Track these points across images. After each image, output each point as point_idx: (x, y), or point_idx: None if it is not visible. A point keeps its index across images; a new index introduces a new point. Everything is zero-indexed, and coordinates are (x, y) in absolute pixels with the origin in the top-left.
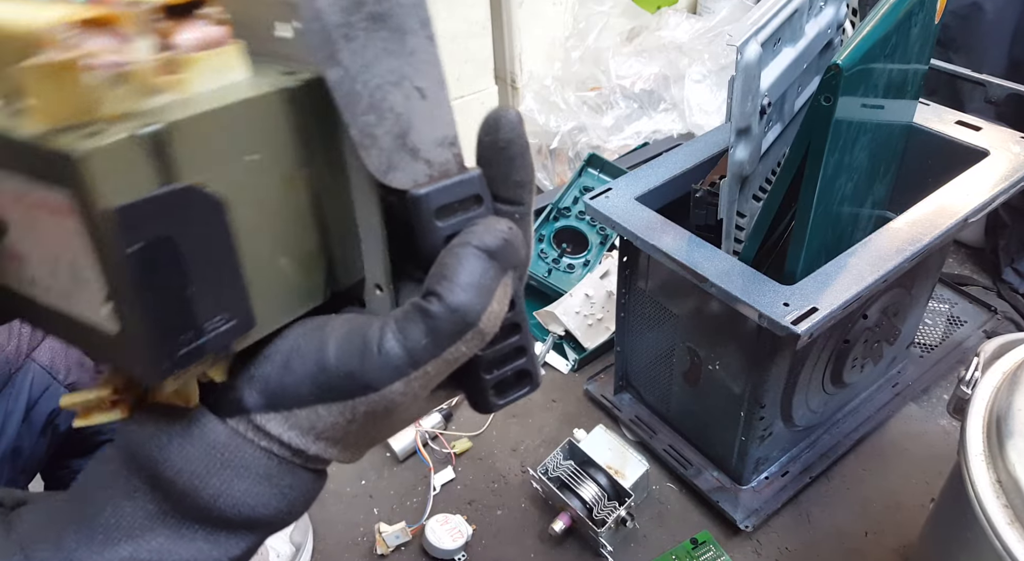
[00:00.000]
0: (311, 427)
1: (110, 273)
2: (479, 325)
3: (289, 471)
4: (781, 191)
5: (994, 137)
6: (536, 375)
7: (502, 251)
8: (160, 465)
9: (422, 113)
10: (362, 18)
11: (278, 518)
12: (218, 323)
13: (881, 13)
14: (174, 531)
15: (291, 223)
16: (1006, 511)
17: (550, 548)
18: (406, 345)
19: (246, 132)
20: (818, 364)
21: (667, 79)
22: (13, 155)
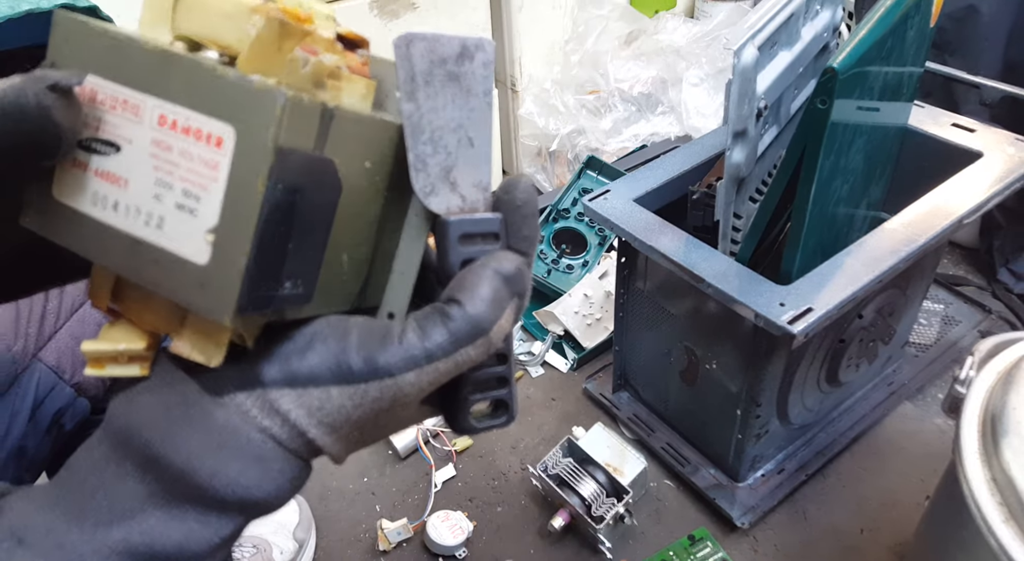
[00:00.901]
0: (319, 407)
1: (236, 204)
2: (490, 335)
3: (281, 455)
4: (777, 193)
5: (988, 139)
6: (513, 409)
7: (514, 278)
8: (157, 447)
9: (468, 157)
10: (442, 73)
11: (267, 501)
12: (292, 285)
13: (877, 16)
14: (165, 512)
15: (363, 229)
16: (1001, 509)
17: (549, 544)
18: (425, 340)
19: (372, 142)
20: (814, 363)
21: (665, 82)
22: (193, 86)
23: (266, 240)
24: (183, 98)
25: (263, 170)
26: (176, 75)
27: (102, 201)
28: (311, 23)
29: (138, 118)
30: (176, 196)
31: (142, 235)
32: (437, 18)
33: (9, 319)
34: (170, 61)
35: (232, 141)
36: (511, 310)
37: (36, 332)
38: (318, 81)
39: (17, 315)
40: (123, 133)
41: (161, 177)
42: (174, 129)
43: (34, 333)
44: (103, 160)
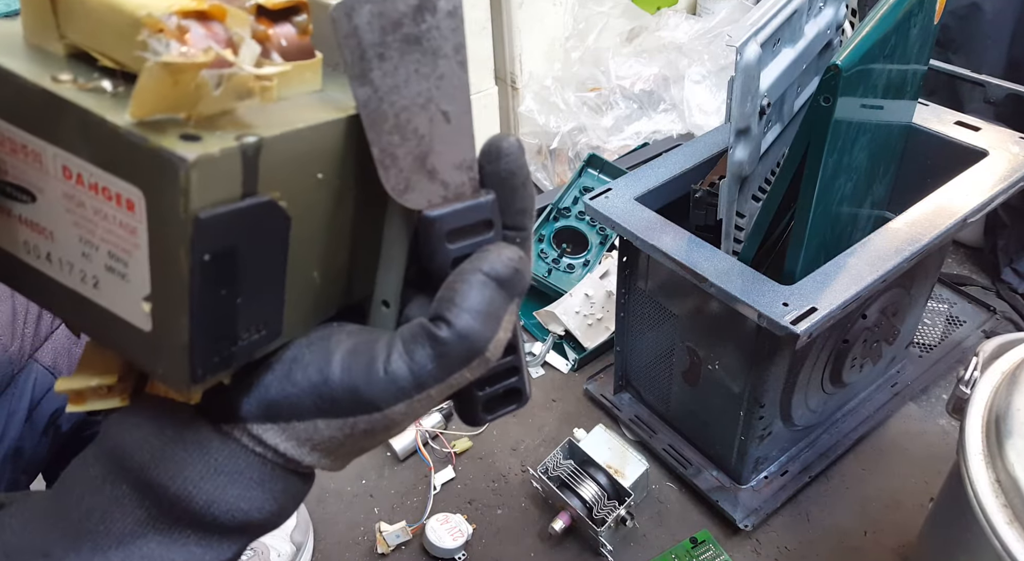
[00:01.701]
0: (308, 439)
1: (162, 276)
2: (486, 353)
3: (281, 476)
4: (780, 191)
5: (993, 137)
6: (525, 391)
7: (511, 280)
8: (151, 471)
9: (444, 136)
10: (398, 39)
11: (270, 521)
12: (252, 333)
13: (880, 14)
14: (165, 536)
15: (331, 240)
16: (1005, 511)
17: (550, 547)
18: (412, 368)
19: (319, 151)
20: (817, 364)
21: (667, 80)
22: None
23: (206, 309)
24: (81, 150)
25: (184, 242)
26: (67, 121)
27: (34, 251)
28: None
29: (43, 167)
30: (103, 258)
31: (82, 292)
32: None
33: (5, 319)
34: (57, 104)
35: (143, 207)
36: (509, 317)
37: (32, 332)
38: (240, 94)
39: (13, 315)
40: (33, 181)
41: (83, 235)
42: (80, 185)
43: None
44: (24, 207)
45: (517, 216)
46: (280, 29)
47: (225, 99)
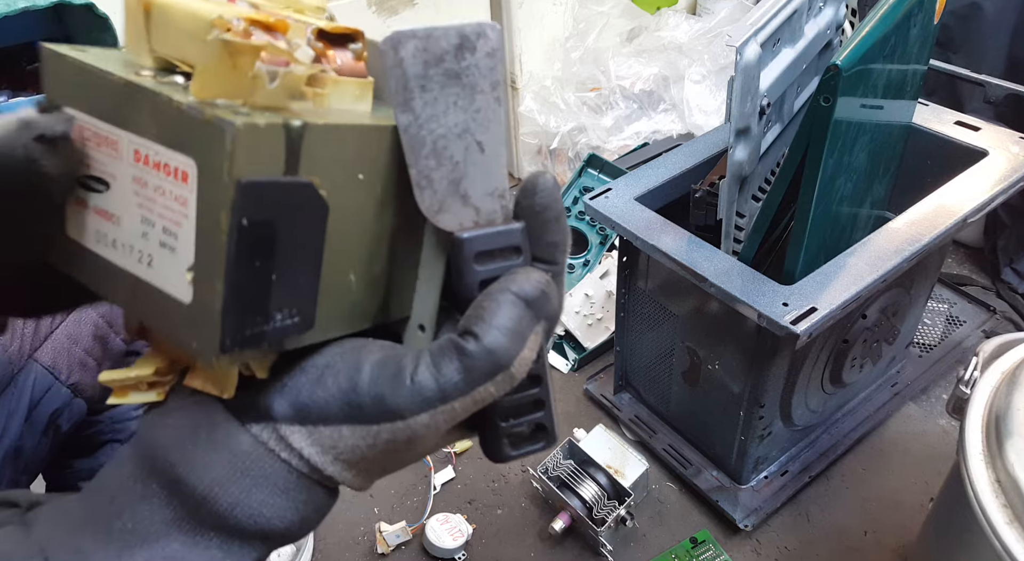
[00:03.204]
0: (332, 446)
1: (205, 242)
2: (511, 369)
3: (306, 486)
4: (780, 191)
5: (993, 137)
6: (553, 431)
7: (538, 301)
8: (180, 470)
9: (478, 165)
10: (439, 73)
11: (290, 532)
12: (284, 316)
13: (880, 14)
14: (189, 538)
15: (369, 244)
16: (1005, 511)
17: (550, 547)
18: (438, 379)
19: (362, 152)
20: (817, 364)
21: (667, 80)
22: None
23: (241, 276)
24: (150, 131)
25: (225, 205)
26: (142, 107)
27: (103, 239)
28: (285, 29)
29: (118, 154)
30: (159, 233)
31: (138, 273)
32: (436, 14)
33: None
34: (135, 92)
35: (195, 175)
36: (536, 337)
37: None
38: (294, 93)
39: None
40: (109, 170)
41: (144, 214)
42: (147, 164)
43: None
44: (98, 198)
45: (548, 249)
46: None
47: (279, 94)
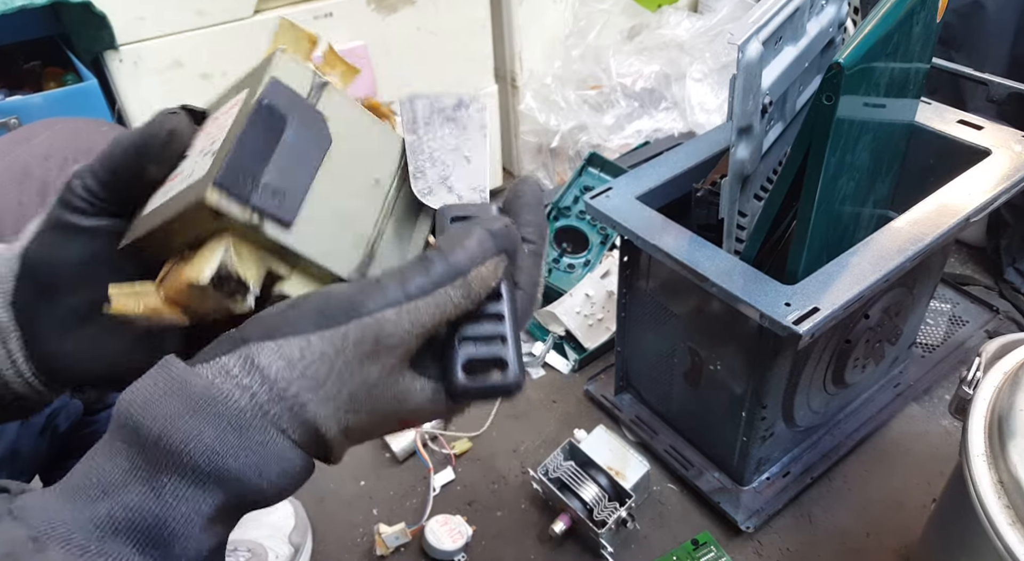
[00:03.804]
0: (300, 357)
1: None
2: (468, 276)
3: (261, 427)
4: (782, 190)
5: (996, 136)
6: (514, 368)
7: (501, 233)
8: (138, 417)
9: (463, 170)
10: (440, 117)
11: (248, 476)
12: (270, 195)
13: (883, 12)
14: (145, 484)
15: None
16: (1008, 512)
17: (550, 549)
18: (403, 282)
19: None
20: (820, 364)
21: (668, 78)
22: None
23: (248, 140)
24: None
25: (256, 93)
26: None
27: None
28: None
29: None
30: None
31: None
32: (436, 13)
33: None
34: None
35: (242, 98)
36: (494, 261)
37: None
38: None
39: None
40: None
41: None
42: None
43: None
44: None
45: (526, 229)
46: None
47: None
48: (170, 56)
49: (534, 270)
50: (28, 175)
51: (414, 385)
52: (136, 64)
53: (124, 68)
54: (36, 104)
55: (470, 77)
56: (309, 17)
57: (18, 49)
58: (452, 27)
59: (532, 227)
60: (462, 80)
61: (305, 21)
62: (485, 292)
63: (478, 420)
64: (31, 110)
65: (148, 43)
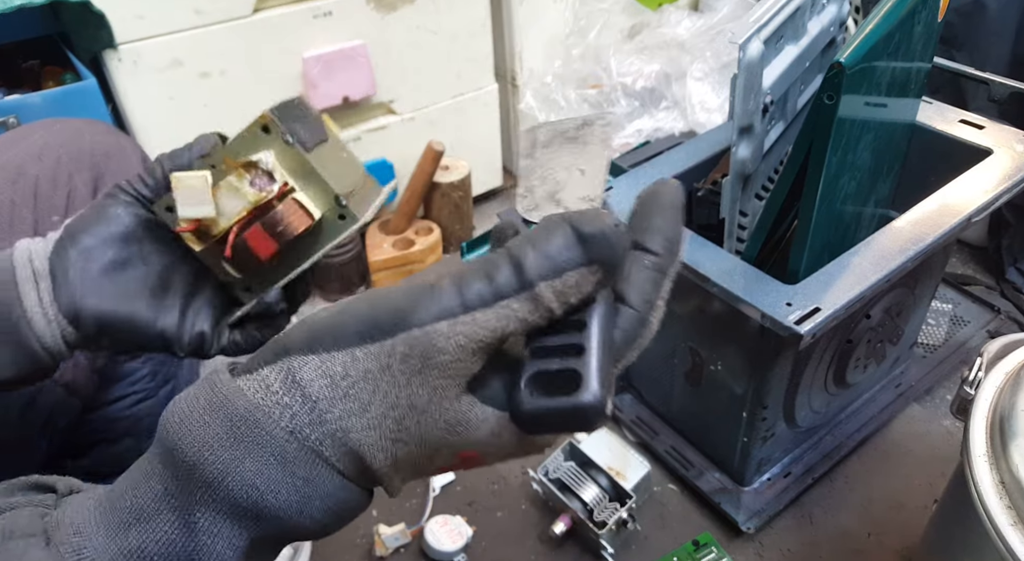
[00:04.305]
0: (344, 374)
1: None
2: (536, 288)
3: (306, 460)
4: (784, 190)
5: (997, 136)
6: (589, 381)
7: (593, 239)
8: (175, 438)
9: (577, 183)
10: (561, 139)
11: (288, 513)
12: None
13: (884, 11)
14: (179, 516)
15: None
16: (1009, 512)
17: (550, 550)
18: (462, 289)
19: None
20: (821, 364)
21: (668, 77)
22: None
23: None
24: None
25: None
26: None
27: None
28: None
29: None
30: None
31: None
32: (436, 11)
33: None
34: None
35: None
36: (580, 272)
37: None
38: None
39: None
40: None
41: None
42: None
43: None
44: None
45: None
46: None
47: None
48: (169, 55)
49: (650, 287)
50: (22, 175)
51: (473, 413)
52: (135, 63)
53: (123, 67)
54: (35, 103)
55: (470, 76)
56: (309, 16)
57: (17, 48)
58: (452, 26)
59: (660, 236)
60: (462, 80)
61: (305, 20)
62: (561, 306)
63: None
64: (30, 109)
65: (147, 42)
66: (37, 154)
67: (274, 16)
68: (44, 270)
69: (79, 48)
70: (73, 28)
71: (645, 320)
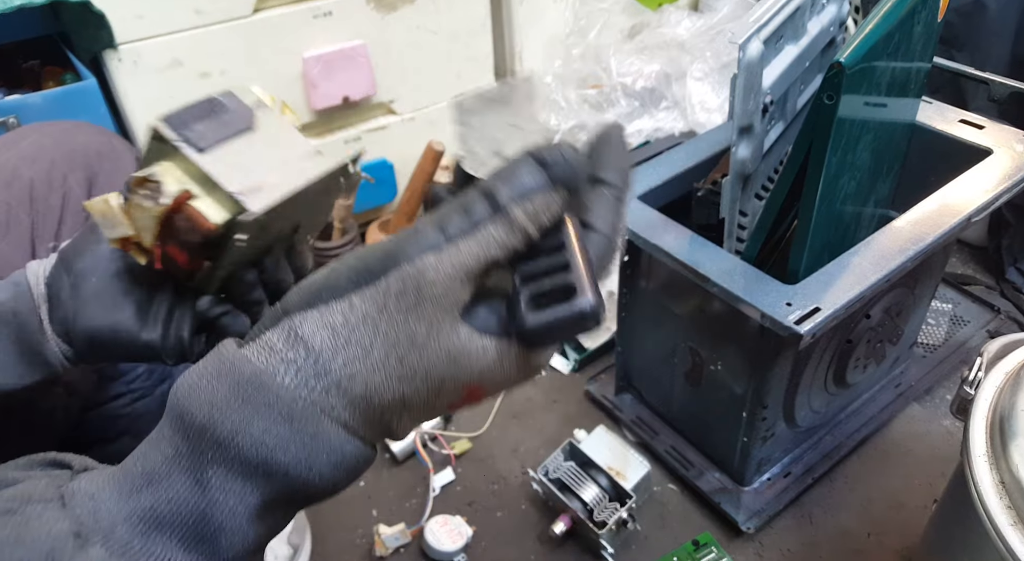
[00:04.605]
0: (344, 322)
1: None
2: (512, 214)
3: (312, 417)
4: (784, 190)
5: (997, 136)
6: (585, 290)
7: (555, 163)
8: (185, 402)
9: (515, 137)
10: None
11: (297, 469)
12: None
13: (884, 11)
14: (190, 476)
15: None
16: (1009, 512)
17: (550, 550)
18: (442, 224)
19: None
20: (821, 364)
21: (668, 77)
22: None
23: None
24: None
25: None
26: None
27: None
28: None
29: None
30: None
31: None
32: (436, 11)
33: None
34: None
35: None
36: (545, 197)
37: None
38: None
39: None
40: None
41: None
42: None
43: None
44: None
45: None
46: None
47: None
48: (169, 55)
49: (611, 214)
50: (16, 177)
51: (472, 343)
52: (135, 63)
53: (123, 67)
54: (35, 103)
55: (470, 76)
56: (309, 16)
57: (17, 48)
58: (452, 26)
59: (613, 168)
60: (462, 79)
61: (305, 20)
62: (535, 227)
63: (478, 420)
64: (30, 109)
65: (147, 42)
66: (31, 157)
67: (274, 16)
68: (43, 294)
69: (79, 48)
70: (73, 28)
71: (611, 242)
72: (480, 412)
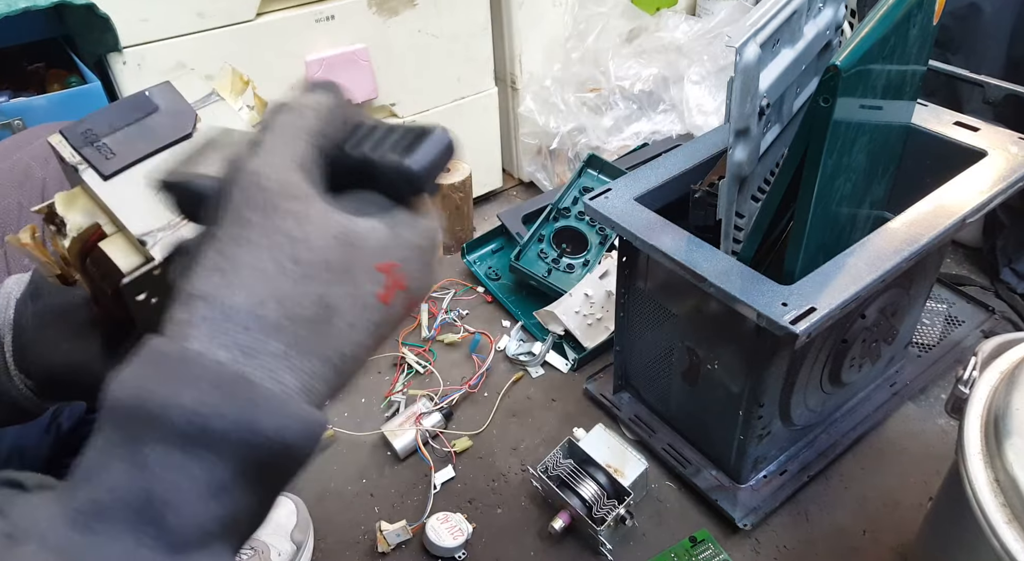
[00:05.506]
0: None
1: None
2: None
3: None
4: (780, 191)
5: (992, 138)
6: (431, 126)
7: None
8: (111, 393)
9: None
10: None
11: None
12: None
13: (880, 14)
14: (125, 461)
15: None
16: (1004, 510)
17: (550, 546)
18: (261, 130)
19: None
20: (816, 363)
21: (666, 80)
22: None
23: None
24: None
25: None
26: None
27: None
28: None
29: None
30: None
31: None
32: (438, 15)
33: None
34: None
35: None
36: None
37: None
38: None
39: None
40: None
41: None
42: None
43: None
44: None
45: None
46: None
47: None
48: (174, 58)
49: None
50: (29, 177)
51: (356, 224)
52: (140, 66)
53: (128, 70)
54: (40, 106)
55: (470, 79)
56: (311, 20)
57: (22, 51)
58: (453, 30)
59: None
60: (463, 82)
61: (307, 24)
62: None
63: (479, 419)
64: (35, 112)
65: (152, 45)
66: (44, 156)
67: (277, 20)
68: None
69: (84, 51)
70: (78, 31)
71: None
72: (480, 412)
